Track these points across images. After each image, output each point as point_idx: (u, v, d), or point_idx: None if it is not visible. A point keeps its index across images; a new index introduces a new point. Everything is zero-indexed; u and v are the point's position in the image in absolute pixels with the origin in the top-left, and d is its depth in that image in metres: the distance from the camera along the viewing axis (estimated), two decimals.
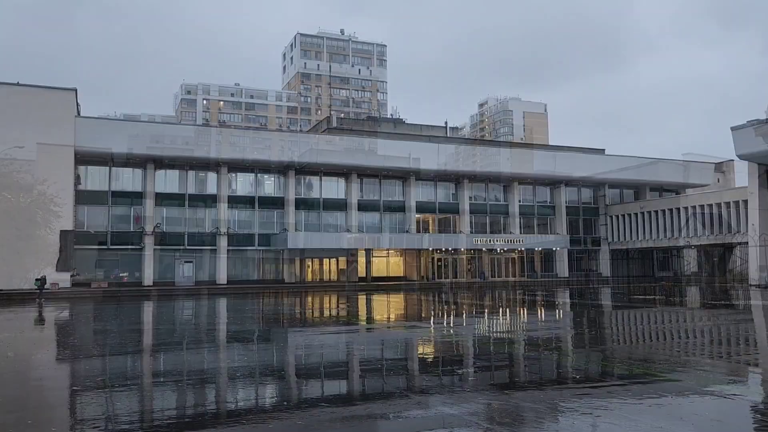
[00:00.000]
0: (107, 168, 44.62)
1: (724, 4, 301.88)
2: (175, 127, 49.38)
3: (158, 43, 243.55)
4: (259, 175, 49.07)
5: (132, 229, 45.09)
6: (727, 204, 48.65)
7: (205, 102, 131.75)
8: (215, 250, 46.78)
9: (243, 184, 49.08)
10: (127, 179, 45.55)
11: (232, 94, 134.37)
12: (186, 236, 46.35)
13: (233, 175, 48.44)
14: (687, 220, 51.68)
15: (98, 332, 17.29)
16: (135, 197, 45.33)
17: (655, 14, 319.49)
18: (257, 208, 48.69)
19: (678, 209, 52.59)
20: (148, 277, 44.30)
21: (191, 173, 47.14)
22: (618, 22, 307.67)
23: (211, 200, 47.41)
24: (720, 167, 71.74)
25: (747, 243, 44.93)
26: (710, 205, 50.14)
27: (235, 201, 48.07)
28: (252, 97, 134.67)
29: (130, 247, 44.79)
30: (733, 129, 42.06)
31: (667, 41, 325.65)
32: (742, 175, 56.93)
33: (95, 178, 44.61)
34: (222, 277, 46.18)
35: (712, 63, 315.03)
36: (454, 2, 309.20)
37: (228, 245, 47.05)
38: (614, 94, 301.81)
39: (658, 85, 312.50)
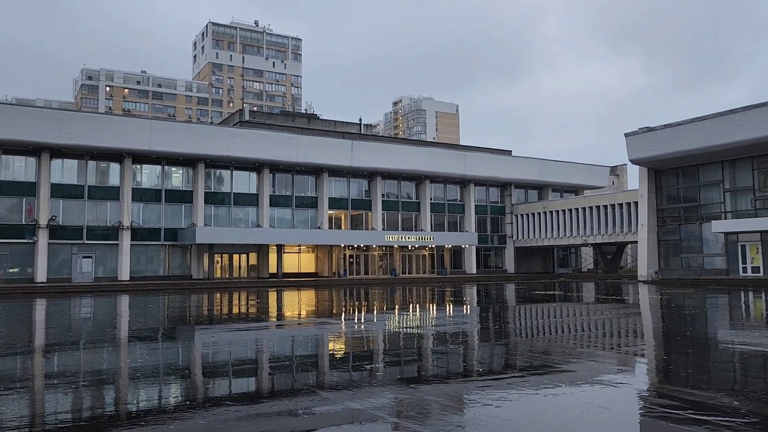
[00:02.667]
0: None
1: (610, 29, 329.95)
2: (73, 114, 46.46)
3: (61, 28, 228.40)
4: (166, 167, 47.31)
5: (24, 222, 42.15)
6: (620, 205, 52.04)
7: (108, 89, 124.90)
8: (117, 245, 44.66)
9: (149, 176, 47.11)
10: (19, 168, 42.50)
11: (138, 82, 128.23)
12: (85, 230, 43.95)
13: (138, 166, 46.39)
14: (584, 220, 54.77)
15: None
16: (27, 188, 42.41)
17: (554, 33, 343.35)
18: (164, 201, 46.93)
19: (577, 209, 55.61)
20: (42, 273, 41.60)
21: (92, 163, 44.71)
22: (521, 39, 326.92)
23: (113, 192, 45.17)
24: (615, 170, 76.60)
25: (637, 242, 48.25)
26: (605, 206, 53.43)
27: (139, 194, 46.10)
28: (160, 86, 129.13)
29: (20, 240, 41.84)
30: (626, 135, 44.95)
31: (564, 58, 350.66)
32: (634, 179, 61.09)
33: None
34: (124, 273, 44.14)
35: (603, 78, 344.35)
36: (370, 6, 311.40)
37: (132, 240, 45.07)
38: (518, 102, 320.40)
39: (556, 95, 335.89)
